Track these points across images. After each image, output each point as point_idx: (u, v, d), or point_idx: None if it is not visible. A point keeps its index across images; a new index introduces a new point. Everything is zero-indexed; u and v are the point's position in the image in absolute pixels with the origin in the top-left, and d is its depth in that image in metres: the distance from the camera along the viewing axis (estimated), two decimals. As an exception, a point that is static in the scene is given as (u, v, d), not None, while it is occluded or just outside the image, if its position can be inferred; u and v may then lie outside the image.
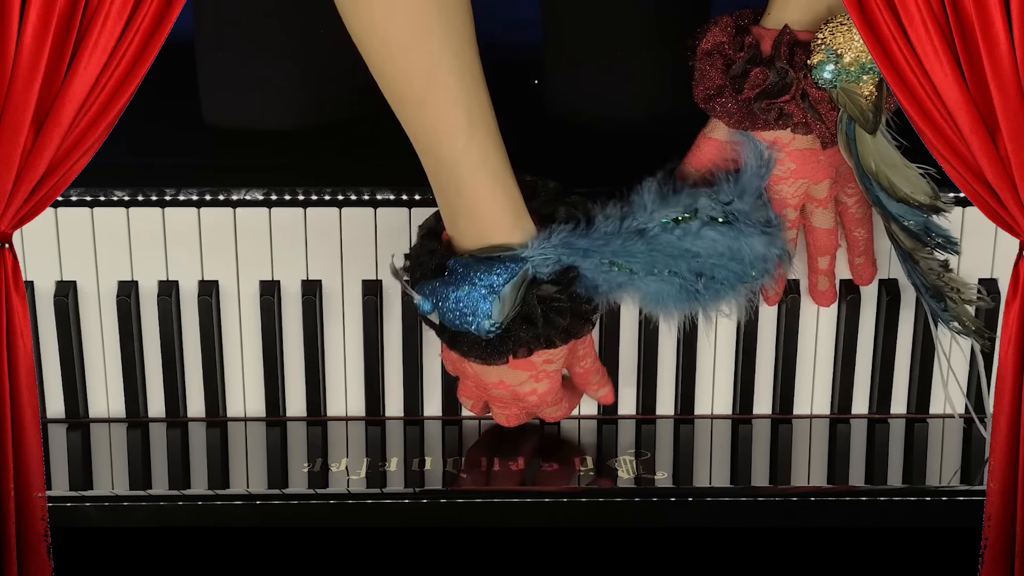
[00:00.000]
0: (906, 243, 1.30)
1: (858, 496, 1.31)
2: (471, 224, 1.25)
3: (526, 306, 1.25)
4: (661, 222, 1.26)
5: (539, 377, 1.31)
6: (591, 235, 1.26)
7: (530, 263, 1.25)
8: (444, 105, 1.21)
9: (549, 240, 1.25)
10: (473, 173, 1.23)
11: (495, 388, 1.32)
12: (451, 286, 1.24)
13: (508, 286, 1.24)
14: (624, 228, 1.26)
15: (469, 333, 1.26)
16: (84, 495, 1.30)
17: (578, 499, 1.30)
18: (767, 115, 1.27)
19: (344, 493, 1.30)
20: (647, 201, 1.27)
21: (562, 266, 1.26)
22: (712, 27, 1.29)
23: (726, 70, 1.28)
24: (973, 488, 1.31)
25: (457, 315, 1.25)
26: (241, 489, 1.31)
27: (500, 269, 1.24)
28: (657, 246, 1.26)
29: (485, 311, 1.24)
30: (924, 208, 1.28)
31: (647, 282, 1.27)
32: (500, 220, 1.25)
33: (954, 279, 1.31)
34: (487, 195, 1.24)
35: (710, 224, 1.27)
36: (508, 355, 1.27)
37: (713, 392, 1.42)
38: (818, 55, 1.26)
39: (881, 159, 1.27)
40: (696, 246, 1.26)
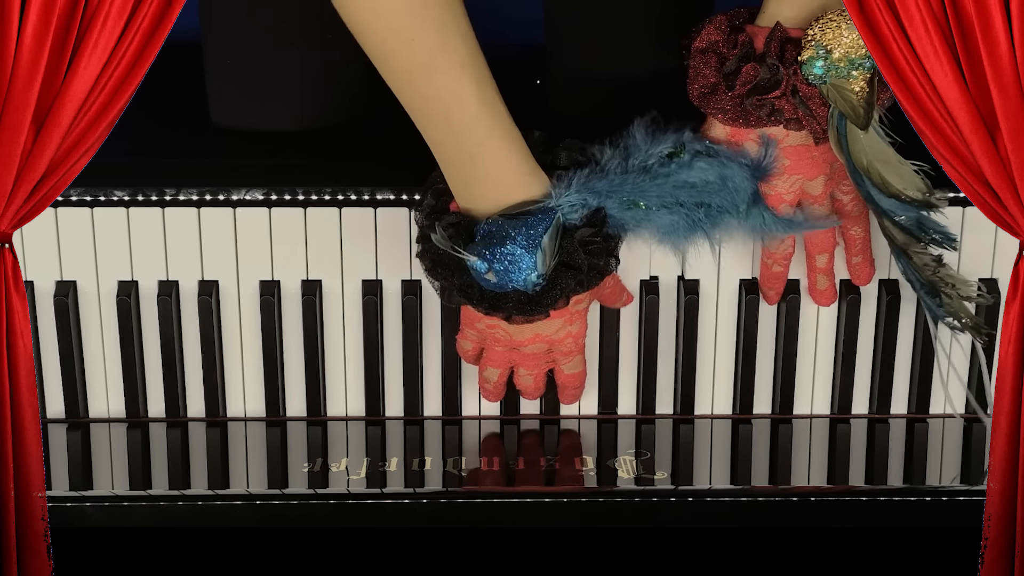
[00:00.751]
0: (899, 239, 1.30)
1: (858, 496, 1.31)
2: (489, 188, 1.26)
3: (565, 253, 1.26)
4: (657, 157, 1.28)
5: (572, 319, 1.32)
6: (607, 177, 1.28)
7: (559, 211, 1.26)
8: (454, 71, 1.21)
9: (571, 187, 1.26)
10: (487, 137, 1.24)
11: (530, 344, 1.32)
12: (492, 246, 1.25)
13: (546, 236, 1.25)
14: (630, 167, 1.28)
15: (511, 292, 1.27)
16: (84, 495, 1.30)
17: (578, 499, 1.30)
18: (759, 111, 1.28)
19: (344, 493, 1.30)
20: (639, 140, 1.28)
21: (590, 209, 1.27)
22: (707, 26, 1.30)
23: (720, 68, 1.29)
24: (973, 488, 1.31)
25: (503, 274, 1.25)
26: (241, 489, 1.31)
27: (535, 221, 1.25)
28: (661, 180, 1.28)
29: (530, 265, 1.25)
30: (917, 204, 1.28)
31: (660, 215, 1.29)
32: (519, 178, 1.26)
33: (949, 275, 1.31)
34: (503, 156, 1.25)
35: (697, 156, 1.29)
36: (556, 302, 1.28)
37: (713, 392, 1.42)
38: (808, 51, 1.26)
39: (873, 155, 1.28)
40: (691, 177, 1.28)
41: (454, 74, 1.21)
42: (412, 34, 1.20)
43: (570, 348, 1.34)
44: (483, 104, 1.23)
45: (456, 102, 1.22)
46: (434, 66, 1.21)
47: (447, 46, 1.21)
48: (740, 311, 1.39)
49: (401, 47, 1.20)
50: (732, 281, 1.39)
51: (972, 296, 1.31)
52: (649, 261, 1.38)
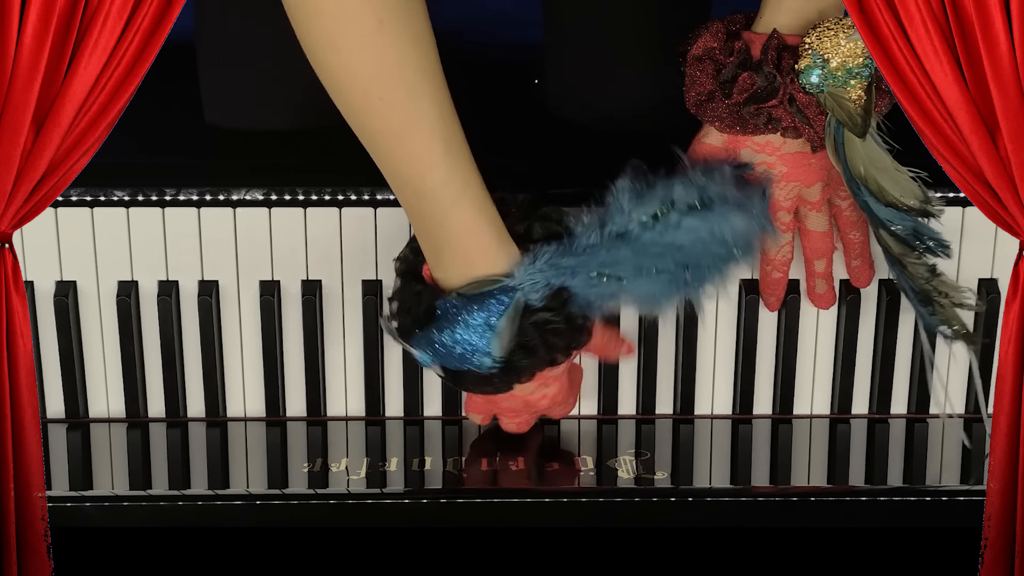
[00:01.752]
0: (895, 248, 1.30)
1: (858, 496, 1.31)
2: (455, 255, 1.24)
3: (524, 336, 1.24)
4: (640, 221, 1.24)
5: (548, 383, 1.31)
6: (575, 251, 1.24)
7: (520, 291, 1.23)
8: (423, 136, 1.20)
9: (535, 264, 1.24)
10: (455, 203, 1.22)
11: (506, 401, 1.32)
12: (446, 330, 1.24)
13: (503, 320, 1.23)
14: (605, 236, 1.24)
15: (471, 371, 1.26)
16: (84, 495, 1.30)
17: (578, 499, 1.30)
18: (756, 119, 1.28)
19: (344, 493, 1.30)
20: (623, 202, 1.24)
21: (552, 289, 1.24)
22: (703, 33, 1.29)
23: (716, 75, 1.28)
24: (973, 488, 1.31)
25: (457, 357, 1.24)
26: (241, 489, 1.31)
27: (493, 303, 1.23)
28: (641, 247, 1.24)
29: (484, 349, 1.23)
30: (914, 212, 1.28)
31: (637, 285, 1.25)
32: (485, 248, 1.24)
33: (943, 283, 1.30)
34: (470, 224, 1.23)
35: (688, 213, 1.24)
36: (513, 383, 1.27)
37: (713, 392, 1.42)
38: (805, 60, 1.26)
39: (871, 163, 1.27)
40: (678, 238, 1.24)
41: (423, 139, 1.20)
42: (383, 96, 1.19)
43: (548, 407, 1.34)
44: (452, 170, 1.21)
45: (425, 166, 1.21)
46: (403, 130, 1.20)
47: (418, 111, 1.19)
48: (740, 311, 1.39)
49: (372, 107, 1.19)
50: (732, 281, 1.39)
51: (965, 304, 1.31)
52: (649, 261, 1.38)
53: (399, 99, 1.19)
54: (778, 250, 1.34)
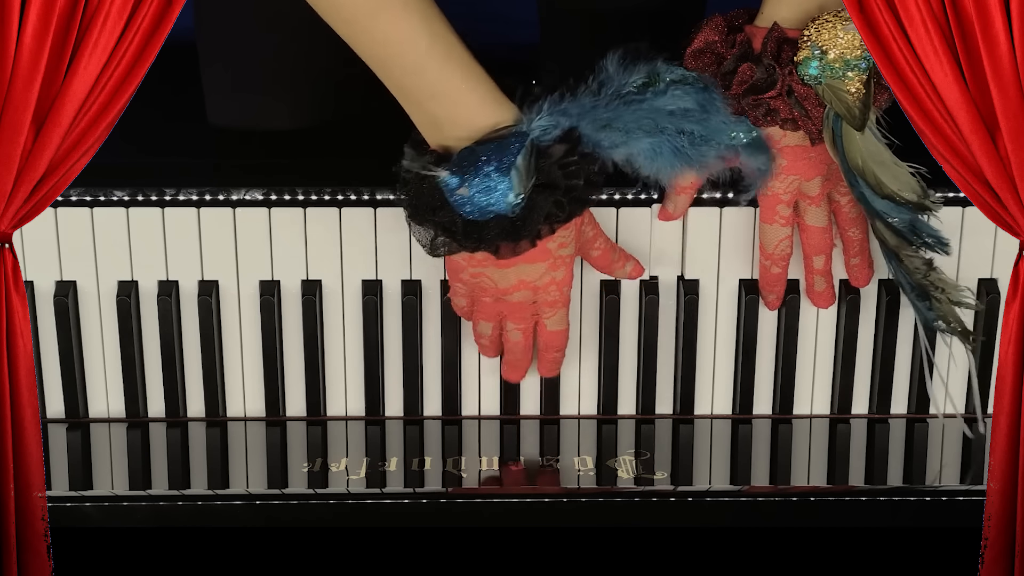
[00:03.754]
0: (891, 241, 1.30)
1: (858, 496, 1.31)
2: (457, 122, 1.25)
3: (542, 173, 1.25)
4: (632, 87, 1.27)
5: (556, 265, 1.31)
6: (579, 101, 1.26)
7: (531, 135, 1.25)
8: (398, 9, 1.21)
9: (543, 111, 1.25)
10: (443, 69, 1.23)
11: (515, 291, 1.31)
12: (467, 172, 1.24)
13: (520, 157, 1.24)
14: (604, 94, 1.27)
15: (493, 219, 1.26)
16: (84, 495, 1.30)
17: (578, 499, 1.30)
18: (755, 111, 1.29)
19: (344, 493, 1.30)
20: (612, 72, 1.27)
21: (562, 130, 1.26)
22: (704, 27, 1.30)
23: (717, 68, 1.29)
24: (973, 488, 1.31)
25: (481, 198, 1.24)
26: (241, 489, 1.31)
27: (507, 143, 1.24)
28: (636, 107, 1.27)
29: (507, 186, 1.24)
30: (911, 206, 1.28)
31: (640, 138, 1.27)
32: (483, 107, 1.25)
33: (940, 279, 1.31)
34: (463, 87, 1.24)
35: (672, 84, 1.28)
36: (538, 230, 1.27)
37: (713, 392, 1.42)
38: (803, 51, 1.27)
39: (869, 156, 1.28)
40: (668, 103, 1.27)
41: (398, 13, 1.21)
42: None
43: (555, 297, 1.33)
44: (434, 39, 1.22)
45: (405, 41, 1.22)
46: (377, 8, 1.21)
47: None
48: (740, 311, 1.39)
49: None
50: (732, 281, 1.39)
51: (962, 301, 1.31)
52: (649, 261, 1.38)
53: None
54: (776, 244, 1.34)
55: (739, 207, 1.36)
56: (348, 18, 1.22)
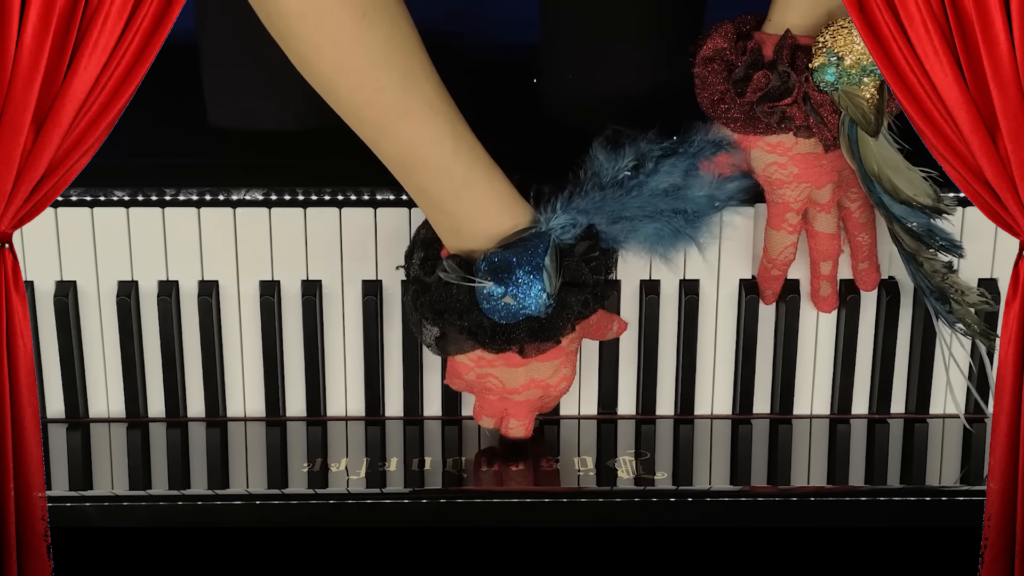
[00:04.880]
0: (910, 245, 1.30)
1: (858, 496, 1.31)
2: (479, 224, 1.26)
3: (568, 272, 1.27)
4: (626, 173, 1.29)
5: (567, 361, 1.32)
6: (588, 196, 1.28)
7: (554, 234, 1.26)
8: (424, 114, 1.22)
9: (558, 209, 1.27)
10: (469, 171, 1.24)
11: (524, 391, 1.32)
12: (503, 276, 1.25)
13: (547, 258, 1.25)
14: (605, 184, 1.29)
15: (524, 320, 1.27)
16: (84, 495, 1.30)
17: (578, 499, 1.30)
18: (769, 119, 1.28)
19: (344, 493, 1.30)
20: (603, 160, 1.29)
21: (581, 227, 1.27)
22: (713, 34, 1.30)
23: (728, 76, 1.29)
24: (973, 488, 1.31)
25: (515, 302, 1.25)
26: (241, 489, 1.31)
27: (533, 245, 1.25)
28: (636, 191, 1.29)
29: (540, 288, 1.25)
30: (927, 210, 1.28)
31: (646, 225, 1.29)
32: (506, 208, 1.26)
33: (958, 281, 1.31)
34: (487, 188, 1.25)
35: (657, 162, 1.29)
36: (567, 326, 1.28)
37: (713, 392, 1.42)
38: (819, 58, 1.26)
39: (884, 161, 1.28)
40: (660, 183, 1.29)
41: (425, 115, 1.22)
42: (378, 84, 1.20)
43: (562, 391, 1.34)
44: (458, 141, 1.23)
45: (431, 143, 1.23)
46: (404, 111, 1.21)
47: (414, 90, 1.21)
48: (740, 311, 1.39)
49: (369, 98, 1.21)
50: (732, 281, 1.39)
51: (978, 303, 1.31)
52: (649, 261, 1.38)
53: (394, 84, 1.20)
54: (781, 251, 1.34)
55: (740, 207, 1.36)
56: (376, 122, 1.22)
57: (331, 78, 1.20)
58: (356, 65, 1.19)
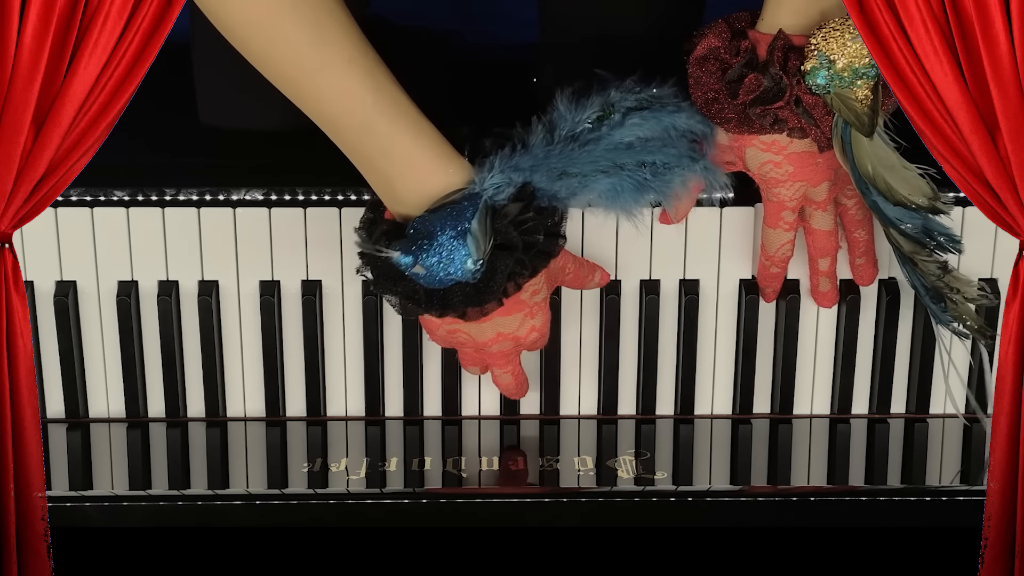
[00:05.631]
0: (905, 247, 1.30)
1: (858, 496, 1.31)
2: (409, 182, 1.24)
3: (499, 234, 1.24)
4: (586, 124, 1.27)
5: (533, 312, 1.30)
6: (531, 152, 1.26)
7: (484, 195, 1.24)
8: (341, 67, 1.20)
9: (494, 168, 1.24)
10: (392, 125, 1.22)
11: (495, 343, 1.31)
12: (423, 243, 1.23)
13: (474, 222, 1.22)
14: (556, 139, 1.26)
15: (456, 286, 1.25)
16: (84, 495, 1.30)
17: (578, 499, 1.30)
18: (762, 120, 1.28)
19: (344, 493, 1.30)
20: (564, 111, 1.27)
21: (516, 187, 1.25)
22: (707, 33, 1.29)
23: (722, 75, 1.28)
24: (973, 488, 1.31)
25: (439, 268, 1.23)
26: (241, 489, 1.31)
27: (460, 209, 1.23)
28: (592, 146, 1.26)
29: (464, 254, 1.22)
30: (923, 209, 1.28)
31: (599, 180, 1.26)
32: (435, 165, 1.24)
33: (955, 278, 1.31)
34: (413, 144, 1.23)
35: (629, 114, 1.27)
36: (501, 292, 1.26)
37: (713, 392, 1.42)
38: (811, 61, 1.26)
39: (879, 161, 1.27)
40: (625, 136, 1.27)
41: (341, 70, 1.20)
42: (290, 38, 1.18)
43: (535, 339, 1.32)
44: (380, 95, 1.21)
45: (351, 98, 1.21)
46: (319, 66, 1.19)
47: (328, 43, 1.19)
48: (740, 311, 1.39)
49: (284, 53, 1.19)
50: (732, 281, 1.39)
51: (976, 298, 1.31)
52: (649, 262, 1.38)
53: (305, 38, 1.18)
54: (778, 248, 1.34)
55: (739, 207, 1.36)
56: (290, 77, 1.21)
57: (246, 35, 1.19)
58: (266, 20, 1.18)
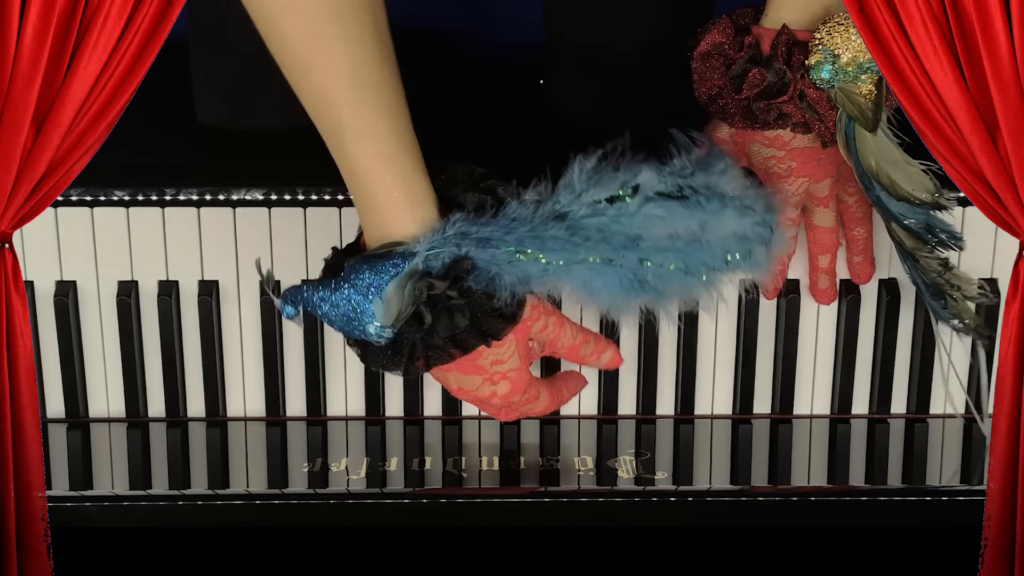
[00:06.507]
0: (907, 243, 1.30)
1: (858, 496, 1.31)
2: (369, 213, 1.16)
3: (417, 306, 1.14)
4: (590, 202, 1.14)
5: (494, 379, 1.22)
6: (494, 222, 1.14)
7: (419, 257, 1.14)
8: (328, 72, 1.12)
9: (444, 231, 1.14)
10: (358, 146, 1.14)
11: (458, 394, 1.25)
12: (336, 288, 1.15)
13: (392, 284, 1.13)
14: (539, 213, 1.14)
15: (369, 341, 1.17)
16: (84, 495, 1.30)
17: (578, 499, 1.30)
18: (766, 115, 1.28)
19: (344, 493, 1.30)
20: (575, 181, 1.14)
21: (453, 258, 1.14)
22: (711, 28, 1.29)
23: (725, 71, 1.28)
24: (973, 488, 1.31)
25: (342, 319, 1.15)
26: (241, 489, 1.31)
27: (387, 266, 1.14)
28: (581, 230, 1.14)
29: (369, 313, 1.14)
30: (926, 205, 1.28)
31: (570, 271, 1.15)
32: (394, 205, 1.14)
33: (955, 276, 1.31)
34: (376, 175, 1.14)
35: (656, 201, 1.14)
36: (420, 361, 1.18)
37: (713, 392, 1.42)
38: (815, 55, 1.26)
39: (882, 157, 1.27)
40: (635, 227, 1.14)
41: (328, 75, 1.13)
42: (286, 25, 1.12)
43: (499, 406, 1.25)
44: (357, 113, 1.13)
45: (329, 105, 1.14)
46: (309, 66, 1.13)
47: (321, 47, 1.12)
48: (740, 311, 1.39)
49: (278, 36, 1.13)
50: (732, 281, 1.39)
51: (976, 296, 1.31)
52: (649, 261, 1.38)
53: (303, 33, 1.11)
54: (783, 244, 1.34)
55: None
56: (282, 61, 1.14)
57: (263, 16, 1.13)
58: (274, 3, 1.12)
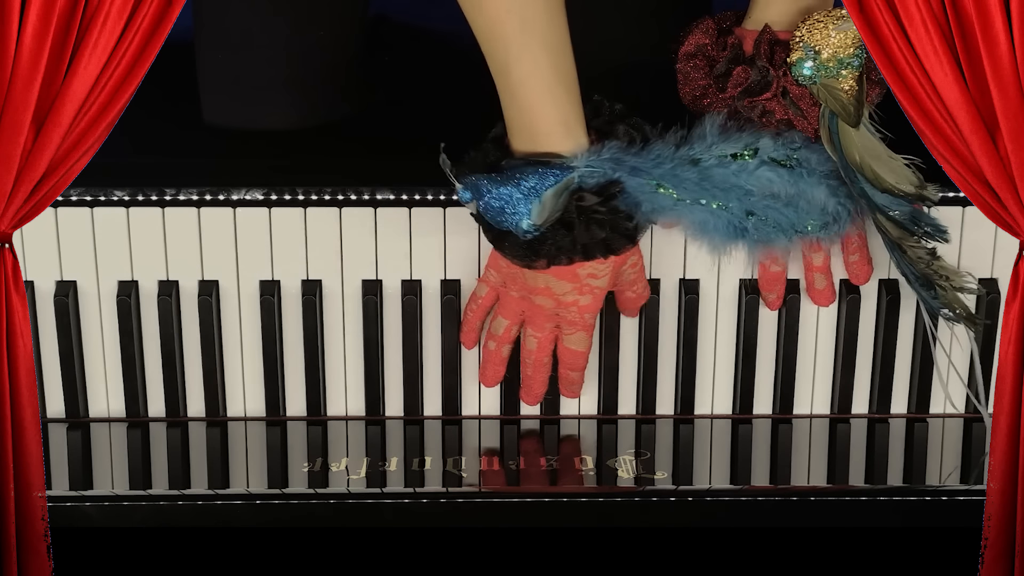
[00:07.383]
0: (893, 233, 1.31)
1: (858, 496, 1.31)
2: (523, 131, 1.28)
3: (566, 213, 1.27)
4: (718, 155, 1.29)
5: (583, 290, 1.32)
6: (643, 155, 1.28)
7: (576, 172, 1.27)
8: (498, 10, 1.24)
9: (600, 154, 1.27)
10: (523, 81, 1.26)
11: (540, 295, 1.32)
12: (497, 182, 1.26)
13: (550, 191, 1.26)
14: (678, 155, 1.28)
15: (511, 232, 1.28)
16: (84, 495, 1.30)
17: (578, 499, 1.30)
18: (750, 113, 1.30)
19: (344, 493, 1.30)
20: (709, 133, 1.29)
21: (608, 179, 1.27)
22: (695, 30, 1.31)
23: (709, 71, 1.30)
24: (973, 488, 1.31)
25: (497, 210, 1.27)
26: (241, 489, 1.31)
27: (547, 172, 1.26)
28: (709, 177, 1.29)
29: (525, 211, 1.26)
30: (910, 197, 1.29)
31: (693, 210, 1.29)
32: (550, 129, 1.27)
33: (943, 266, 1.31)
34: (536, 104, 1.26)
35: (769, 165, 1.29)
36: (544, 259, 1.29)
37: (713, 392, 1.42)
38: (796, 52, 1.28)
39: (865, 151, 1.29)
40: (750, 183, 1.29)
41: (498, 13, 1.24)
42: None
43: (574, 318, 1.34)
44: (524, 49, 1.25)
45: (498, 41, 1.25)
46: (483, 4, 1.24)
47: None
48: (740, 311, 1.39)
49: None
50: (732, 281, 1.39)
51: (965, 287, 1.32)
52: (649, 261, 1.38)
53: None
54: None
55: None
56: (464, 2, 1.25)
57: None
58: None
